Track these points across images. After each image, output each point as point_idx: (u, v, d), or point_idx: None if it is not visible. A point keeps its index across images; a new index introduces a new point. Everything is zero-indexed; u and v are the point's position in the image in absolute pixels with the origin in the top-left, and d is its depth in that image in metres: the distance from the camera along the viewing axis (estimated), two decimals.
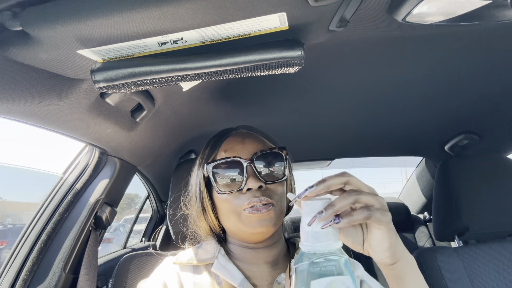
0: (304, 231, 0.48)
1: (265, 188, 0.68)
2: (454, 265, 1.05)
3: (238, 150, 0.70)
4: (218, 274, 0.68)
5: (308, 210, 0.48)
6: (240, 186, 0.67)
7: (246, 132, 0.76)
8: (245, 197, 0.67)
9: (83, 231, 1.05)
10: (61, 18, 0.49)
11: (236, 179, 0.68)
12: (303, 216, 0.49)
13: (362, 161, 2.63)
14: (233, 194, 0.68)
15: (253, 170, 0.67)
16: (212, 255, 0.71)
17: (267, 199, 0.66)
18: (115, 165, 1.16)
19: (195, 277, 0.69)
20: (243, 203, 0.66)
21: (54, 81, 0.69)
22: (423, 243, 2.13)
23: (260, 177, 0.67)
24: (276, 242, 0.73)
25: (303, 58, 0.59)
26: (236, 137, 0.74)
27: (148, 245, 1.76)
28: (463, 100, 1.22)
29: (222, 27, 0.54)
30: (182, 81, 0.63)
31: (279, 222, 0.69)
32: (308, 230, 0.47)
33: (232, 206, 0.68)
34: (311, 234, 0.47)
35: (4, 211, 6.41)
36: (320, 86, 1.10)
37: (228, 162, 0.69)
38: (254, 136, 0.74)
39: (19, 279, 0.94)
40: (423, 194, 2.26)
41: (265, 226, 0.66)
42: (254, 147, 0.71)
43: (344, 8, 0.56)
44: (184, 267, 0.71)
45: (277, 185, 0.69)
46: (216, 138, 0.77)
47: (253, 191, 0.67)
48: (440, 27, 0.71)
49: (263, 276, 0.70)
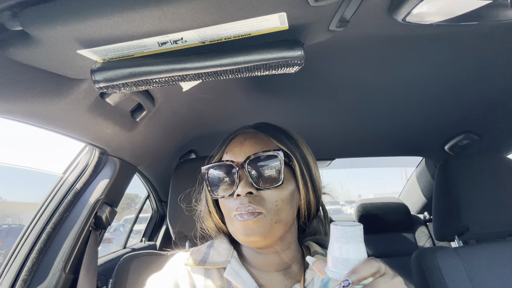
0: (333, 256, 0.46)
1: (256, 194, 0.63)
2: (454, 265, 1.05)
3: (236, 153, 0.67)
4: (230, 280, 0.66)
5: (338, 235, 0.46)
6: (231, 191, 0.65)
7: (253, 132, 0.72)
8: (235, 203, 0.64)
9: (83, 231, 1.05)
10: (61, 18, 0.49)
11: (228, 183, 0.66)
12: (331, 241, 0.47)
13: (362, 161, 2.63)
14: (226, 199, 0.66)
15: (244, 175, 0.64)
16: (225, 258, 0.69)
17: (255, 207, 0.62)
18: (115, 165, 1.16)
19: (207, 281, 0.67)
20: (232, 209, 0.64)
21: (54, 81, 0.69)
22: (423, 243, 2.13)
23: (253, 182, 0.64)
24: (286, 249, 0.69)
25: (303, 58, 0.59)
26: (239, 138, 0.70)
27: (148, 245, 1.76)
28: (463, 100, 1.22)
29: (222, 27, 0.54)
30: (182, 81, 0.63)
31: (275, 232, 0.64)
32: (338, 256, 0.45)
33: (226, 210, 0.67)
34: (340, 261, 0.45)
35: (4, 211, 6.41)
36: (320, 86, 1.10)
37: (221, 166, 0.67)
38: (258, 136, 0.69)
39: (19, 279, 0.94)
40: (423, 194, 2.27)
41: (251, 235, 0.62)
42: (251, 149, 0.66)
43: (344, 8, 0.56)
44: (195, 268, 0.69)
45: (271, 191, 0.64)
46: (227, 137, 0.74)
47: (242, 197, 0.63)
48: (440, 27, 0.70)
49: (276, 285, 0.67)
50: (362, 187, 36.09)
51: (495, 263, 1.05)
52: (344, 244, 0.45)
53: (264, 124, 0.75)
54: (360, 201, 2.35)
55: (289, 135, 0.73)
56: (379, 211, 2.22)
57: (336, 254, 0.46)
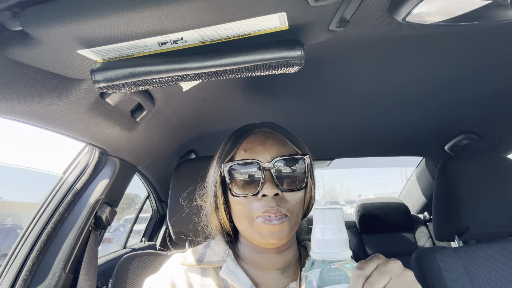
0: (315, 239, 0.47)
1: (281, 196, 0.64)
2: (454, 265, 1.05)
3: (259, 152, 0.66)
4: (226, 279, 0.66)
5: (319, 217, 0.47)
6: (256, 191, 0.64)
7: (269, 131, 0.71)
8: (260, 204, 0.63)
9: (83, 231, 1.06)
10: (61, 18, 0.49)
11: (253, 183, 0.65)
12: (314, 224, 0.48)
13: (362, 161, 2.63)
14: (247, 198, 0.65)
15: (271, 175, 0.64)
16: (220, 257, 0.69)
17: (281, 210, 0.62)
18: (115, 165, 1.16)
19: (203, 280, 0.67)
20: (257, 210, 0.63)
21: (54, 81, 0.69)
22: (423, 243, 2.14)
23: (278, 183, 0.64)
24: (289, 248, 0.70)
25: (303, 58, 0.59)
26: (258, 137, 0.69)
27: (148, 245, 1.76)
28: (463, 100, 1.22)
29: (222, 27, 0.54)
30: (182, 81, 0.63)
31: (292, 233, 0.66)
32: (320, 238, 0.47)
33: (245, 210, 0.65)
34: (322, 242, 0.46)
35: (4, 211, 6.41)
36: (320, 86, 1.10)
37: (246, 164, 0.65)
38: (277, 137, 0.70)
39: (19, 279, 0.94)
40: (423, 194, 2.27)
41: (276, 238, 0.63)
42: (276, 150, 0.66)
43: (344, 8, 0.56)
44: (192, 268, 0.69)
45: (294, 193, 0.65)
46: (238, 134, 0.72)
47: (268, 198, 0.63)
48: (440, 27, 0.70)
49: (272, 283, 0.67)
50: (362, 187, 36.10)
51: (495, 263, 1.05)
52: (325, 226, 0.47)
53: (274, 124, 0.75)
54: (360, 201, 2.35)
55: (296, 136, 0.74)
56: (379, 211, 2.23)
57: (318, 236, 0.47)
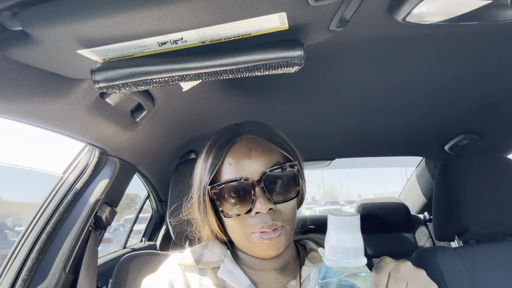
0: (331, 245, 0.46)
1: (275, 209, 0.62)
2: (454, 265, 1.05)
3: (245, 166, 0.63)
4: (224, 279, 0.66)
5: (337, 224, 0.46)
6: (248, 208, 0.61)
7: (252, 138, 0.67)
8: (254, 220, 0.62)
9: (83, 231, 1.06)
10: (61, 18, 0.49)
11: (244, 201, 0.62)
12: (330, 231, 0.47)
13: (362, 161, 2.63)
14: (240, 217, 0.63)
15: (262, 191, 0.61)
16: (218, 258, 0.69)
17: (277, 223, 0.62)
18: (115, 165, 1.16)
19: (202, 279, 0.67)
20: (252, 226, 0.62)
21: (54, 81, 0.69)
22: (423, 243, 2.14)
23: (270, 198, 0.61)
24: (286, 248, 0.69)
25: (303, 58, 0.59)
26: (241, 148, 0.65)
27: (148, 245, 1.77)
28: (463, 100, 1.22)
29: (222, 27, 0.54)
30: (182, 81, 0.63)
31: (290, 239, 0.66)
32: (336, 246, 0.46)
33: (240, 227, 0.64)
34: (339, 250, 0.45)
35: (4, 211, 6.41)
36: (320, 86, 1.10)
37: (234, 182, 0.62)
38: (261, 145, 0.66)
39: (19, 279, 0.94)
40: (423, 194, 2.27)
41: (275, 250, 0.63)
42: (263, 161, 0.63)
43: (344, 8, 0.56)
44: (190, 268, 0.69)
45: (287, 203, 0.64)
46: (220, 145, 0.67)
47: (262, 214, 0.61)
48: (440, 27, 0.70)
49: (271, 283, 0.67)
50: (362, 187, 36.10)
51: (495, 263, 1.05)
52: (342, 233, 0.46)
53: (256, 126, 0.71)
54: (360, 201, 2.35)
55: (281, 136, 0.71)
56: (379, 211, 2.22)
57: (334, 243, 0.46)
